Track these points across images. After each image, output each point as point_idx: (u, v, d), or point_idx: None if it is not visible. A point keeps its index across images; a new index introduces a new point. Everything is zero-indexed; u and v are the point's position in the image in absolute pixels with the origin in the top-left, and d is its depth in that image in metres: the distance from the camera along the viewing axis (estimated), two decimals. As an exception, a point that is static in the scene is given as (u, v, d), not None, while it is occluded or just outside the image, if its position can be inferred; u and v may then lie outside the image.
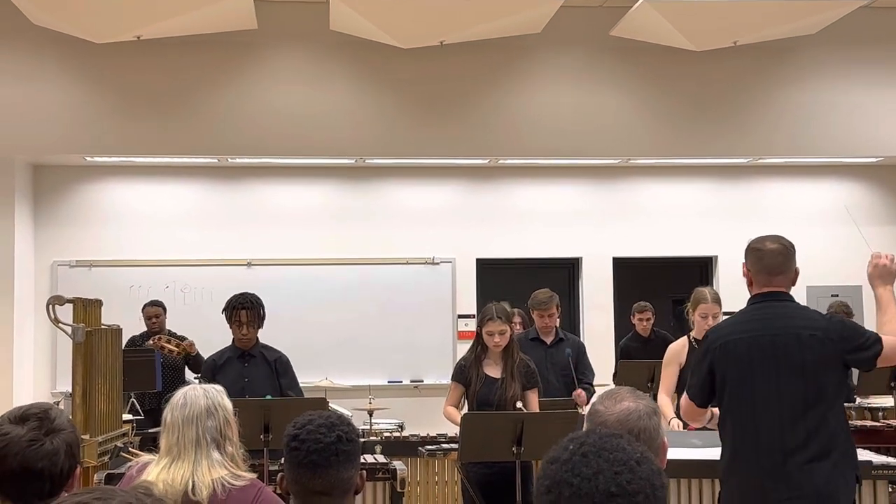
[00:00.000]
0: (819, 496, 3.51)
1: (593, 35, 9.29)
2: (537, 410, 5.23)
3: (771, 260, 3.75)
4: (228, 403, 3.20)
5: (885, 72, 9.66)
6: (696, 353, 3.93)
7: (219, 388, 3.24)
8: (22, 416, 2.41)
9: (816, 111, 9.60)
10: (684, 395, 3.90)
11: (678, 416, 4.96)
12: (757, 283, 3.80)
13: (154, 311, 8.22)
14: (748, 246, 3.87)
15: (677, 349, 5.84)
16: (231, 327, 5.64)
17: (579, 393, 6.23)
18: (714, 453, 4.02)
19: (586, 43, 9.41)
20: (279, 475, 2.60)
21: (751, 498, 3.61)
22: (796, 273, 3.82)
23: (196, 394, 3.16)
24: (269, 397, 5.36)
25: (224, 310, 5.68)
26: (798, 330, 3.65)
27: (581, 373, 6.48)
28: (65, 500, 1.32)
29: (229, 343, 5.75)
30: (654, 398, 5.63)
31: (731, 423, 3.70)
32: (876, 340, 3.67)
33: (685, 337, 5.90)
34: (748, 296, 3.88)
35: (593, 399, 2.55)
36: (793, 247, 3.82)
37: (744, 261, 3.88)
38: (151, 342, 7.69)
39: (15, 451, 2.34)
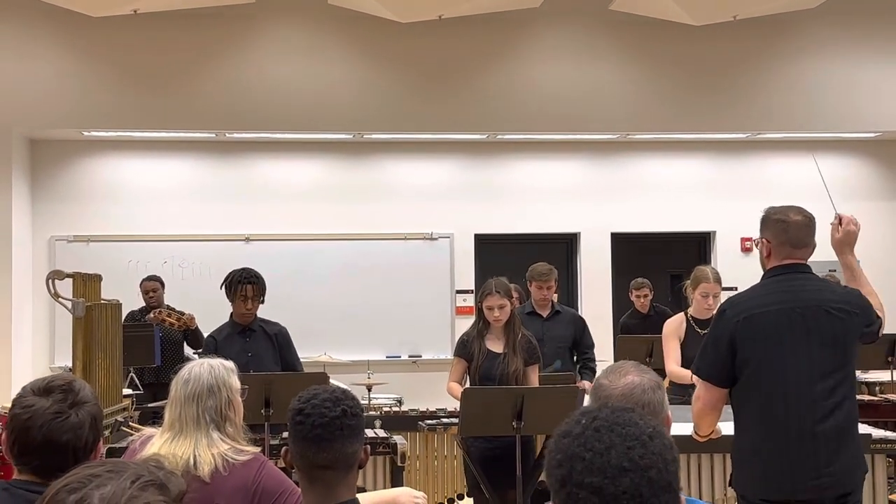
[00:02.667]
0: (845, 473, 3.41)
1: (592, 9, 9.25)
2: (537, 385, 5.24)
3: (797, 232, 3.56)
4: (235, 382, 3.13)
5: (885, 46, 9.63)
6: (707, 333, 3.64)
7: (229, 364, 3.16)
8: (46, 388, 2.35)
9: (816, 86, 9.57)
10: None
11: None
12: (777, 254, 3.58)
13: (151, 286, 8.22)
14: (769, 216, 3.62)
15: (675, 324, 5.82)
16: (234, 302, 5.58)
17: (582, 384, 6.23)
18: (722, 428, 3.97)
19: (585, 17, 9.36)
20: (283, 448, 2.59)
21: (778, 477, 3.40)
22: (814, 246, 3.65)
23: (201, 371, 3.08)
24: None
25: (225, 285, 5.60)
26: (825, 302, 3.48)
27: (584, 349, 6.48)
28: (77, 473, 1.31)
29: (226, 319, 5.73)
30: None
31: (759, 401, 3.45)
32: (877, 315, 3.58)
33: (682, 313, 5.90)
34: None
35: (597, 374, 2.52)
36: (815, 219, 3.64)
37: (761, 231, 3.64)
38: (152, 315, 7.68)
39: (40, 424, 2.29)
